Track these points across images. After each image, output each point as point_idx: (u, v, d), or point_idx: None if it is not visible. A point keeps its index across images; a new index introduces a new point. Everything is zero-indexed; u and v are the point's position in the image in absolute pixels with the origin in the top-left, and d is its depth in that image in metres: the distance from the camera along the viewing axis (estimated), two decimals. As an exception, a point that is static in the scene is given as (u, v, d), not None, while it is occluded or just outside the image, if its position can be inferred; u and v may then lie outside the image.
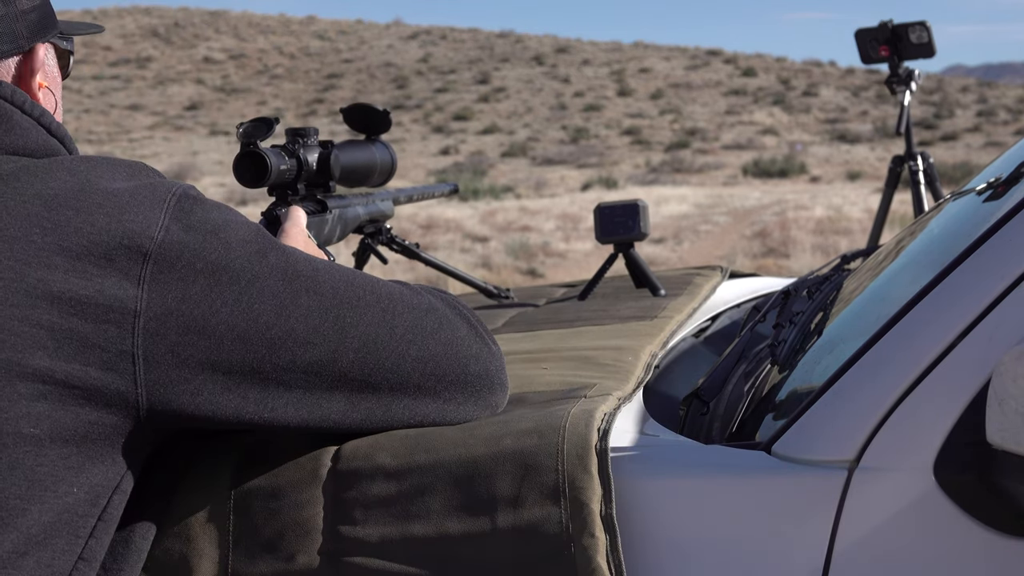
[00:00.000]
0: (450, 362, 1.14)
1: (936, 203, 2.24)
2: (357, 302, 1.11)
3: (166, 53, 64.59)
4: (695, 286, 2.06)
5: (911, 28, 4.66)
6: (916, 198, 4.69)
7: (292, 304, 1.07)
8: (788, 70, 58.28)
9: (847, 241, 12.31)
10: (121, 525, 1.08)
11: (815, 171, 30.70)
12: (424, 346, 1.12)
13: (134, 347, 1.02)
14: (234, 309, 1.05)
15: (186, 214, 1.07)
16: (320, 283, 1.09)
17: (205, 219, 1.07)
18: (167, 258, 1.04)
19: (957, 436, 1.04)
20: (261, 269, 1.07)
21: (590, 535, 1.02)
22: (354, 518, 1.08)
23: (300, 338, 1.07)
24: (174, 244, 1.04)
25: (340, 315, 1.09)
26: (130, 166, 1.12)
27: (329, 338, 1.08)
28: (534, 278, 11.10)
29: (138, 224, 1.04)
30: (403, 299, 1.14)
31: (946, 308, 1.10)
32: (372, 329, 1.10)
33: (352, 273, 1.14)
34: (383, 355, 1.10)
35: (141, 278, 1.02)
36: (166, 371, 1.03)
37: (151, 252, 1.03)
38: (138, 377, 1.02)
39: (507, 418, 1.14)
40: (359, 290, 1.11)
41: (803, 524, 1.05)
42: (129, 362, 1.02)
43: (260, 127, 1.53)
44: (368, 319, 1.10)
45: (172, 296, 1.03)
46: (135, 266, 1.02)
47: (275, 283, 1.07)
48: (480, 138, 43.96)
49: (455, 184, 2.36)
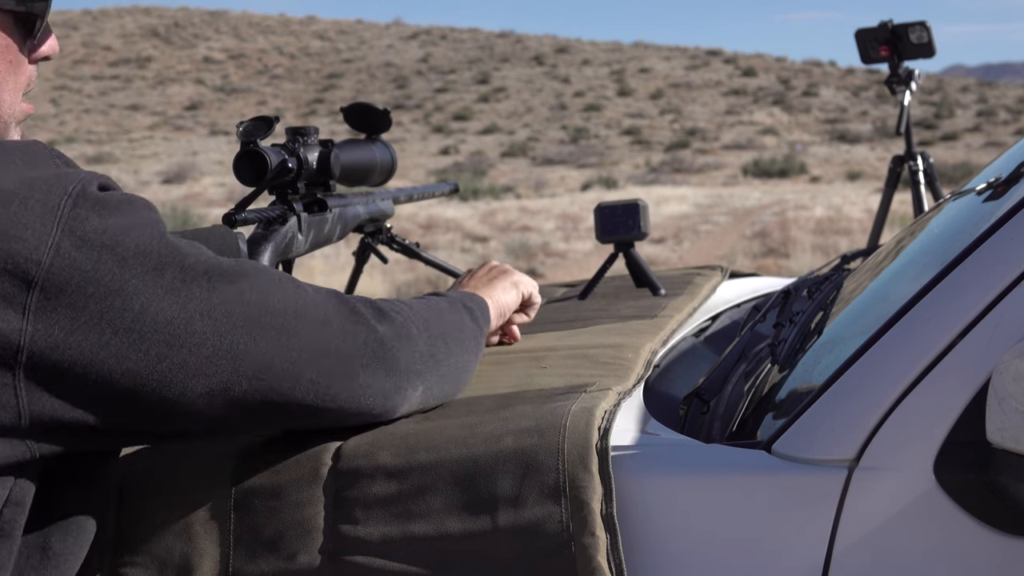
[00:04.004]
0: (344, 381, 1.08)
1: (936, 203, 2.24)
2: (253, 325, 1.02)
3: (166, 53, 64.59)
4: (695, 286, 2.06)
5: (911, 28, 4.65)
6: (916, 198, 4.69)
7: (185, 332, 0.99)
8: (788, 70, 58.28)
9: (847, 241, 12.32)
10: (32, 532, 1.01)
11: (815, 171, 30.71)
12: (319, 365, 1.06)
13: (16, 381, 0.93)
14: (125, 340, 0.96)
15: (81, 223, 0.95)
16: (214, 305, 1.01)
17: (101, 229, 0.96)
18: (56, 284, 0.93)
19: (957, 435, 1.04)
20: (155, 291, 0.97)
21: (591, 534, 1.02)
22: (355, 517, 1.07)
23: (192, 369, 0.99)
24: (64, 268, 0.94)
25: (234, 342, 1.01)
26: (24, 151, 0.99)
27: (222, 368, 1.01)
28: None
29: (24, 245, 0.93)
30: (303, 314, 1.07)
31: (946, 307, 1.10)
32: (267, 355, 1.03)
33: (254, 286, 1.05)
34: (278, 380, 1.04)
35: (27, 308, 0.93)
36: (51, 406, 0.96)
37: (38, 279, 0.93)
38: (22, 411, 0.95)
39: (508, 415, 1.14)
40: (255, 310, 1.03)
41: (803, 523, 1.05)
42: (12, 395, 0.94)
43: (260, 126, 1.53)
44: (263, 344, 1.03)
45: (60, 327, 0.94)
46: (20, 294, 0.93)
47: (168, 307, 0.98)
48: (480, 138, 43.96)
49: (455, 183, 2.36)
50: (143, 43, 65.34)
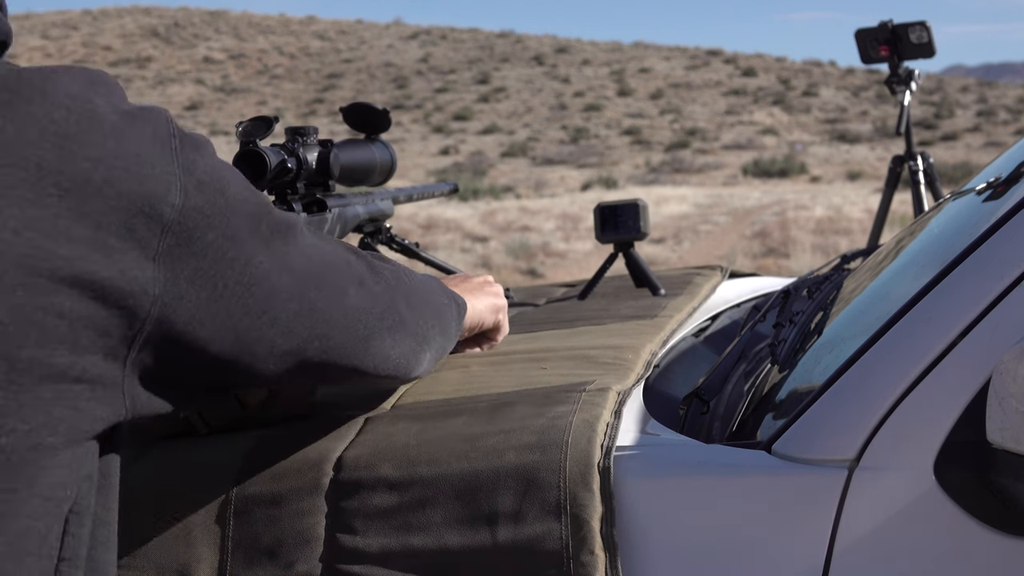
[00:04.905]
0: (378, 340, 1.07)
1: (936, 203, 2.24)
2: (323, 283, 1.00)
3: (166, 53, 64.62)
4: (695, 286, 2.06)
5: (911, 28, 4.65)
6: (916, 198, 4.69)
7: (279, 286, 0.95)
8: (788, 70, 58.32)
9: (847, 241, 12.32)
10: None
11: (815, 171, 30.73)
12: (366, 324, 1.05)
13: (138, 333, 0.86)
14: (235, 292, 0.91)
15: (193, 164, 0.89)
16: (293, 259, 0.97)
17: (210, 171, 0.90)
18: (185, 229, 0.87)
19: (957, 435, 1.04)
20: (256, 241, 0.93)
21: (590, 552, 1.02)
22: (355, 528, 1.07)
23: (282, 326, 0.95)
24: (191, 212, 0.87)
25: (312, 300, 0.98)
26: (96, 75, 0.88)
27: (304, 326, 0.97)
28: (534, 278, 11.11)
29: (157, 184, 0.85)
30: (348, 271, 1.04)
31: (946, 307, 1.10)
32: (330, 313, 1.00)
33: (309, 240, 1.02)
34: (341, 343, 1.02)
35: (157, 254, 0.86)
36: (158, 360, 0.89)
37: (171, 224, 0.86)
38: (127, 361, 0.87)
39: (510, 427, 1.13)
40: (319, 266, 1.00)
41: (803, 523, 1.05)
42: (126, 348, 0.86)
43: (259, 126, 1.53)
44: (328, 302, 1.00)
45: (184, 276, 0.87)
46: (153, 239, 0.85)
47: (266, 259, 0.94)
48: (480, 138, 43.98)
49: (455, 183, 2.35)
50: (143, 43, 65.34)
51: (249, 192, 0.94)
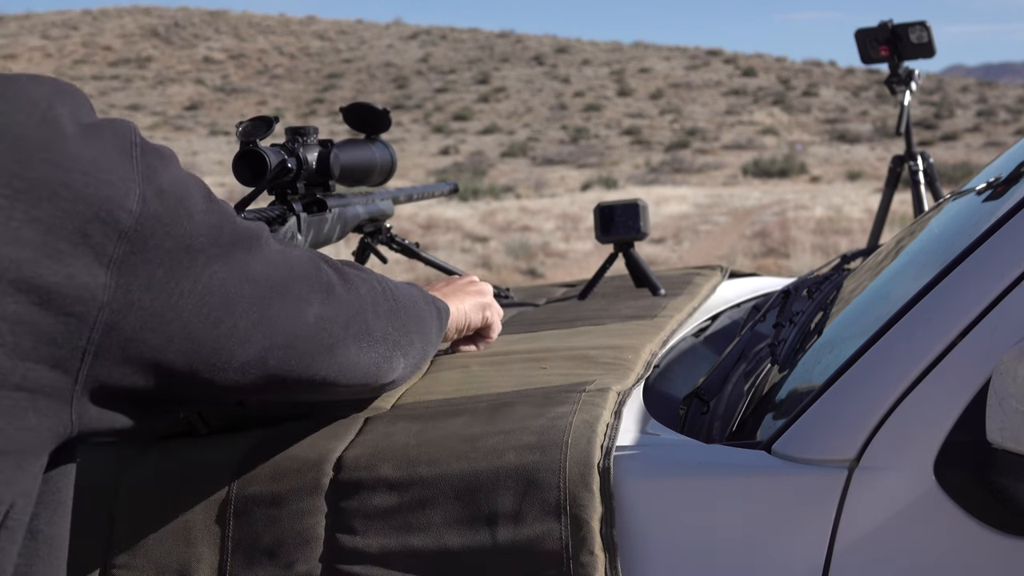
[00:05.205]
0: (343, 350, 1.06)
1: (936, 203, 2.24)
2: (287, 292, 0.98)
3: (166, 53, 64.61)
4: (695, 286, 2.06)
5: (911, 28, 4.66)
6: (916, 198, 4.69)
7: (238, 296, 0.94)
8: (788, 70, 58.30)
9: (847, 241, 12.32)
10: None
11: (815, 171, 30.73)
12: (330, 333, 1.03)
13: (88, 343, 0.84)
14: (190, 301, 0.90)
15: (153, 173, 0.88)
16: (255, 269, 0.96)
17: (172, 181, 0.89)
18: (142, 237, 0.86)
19: (957, 435, 1.04)
20: (215, 251, 0.92)
21: (589, 553, 1.02)
22: (354, 528, 1.07)
23: (241, 335, 0.94)
24: (149, 219, 0.86)
25: (274, 309, 0.97)
26: (64, 86, 0.88)
27: (263, 335, 0.96)
28: (534, 278, 11.11)
29: (115, 190, 0.84)
30: (312, 280, 1.03)
31: (946, 307, 1.10)
32: (292, 322, 0.99)
33: (273, 249, 1.00)
34: (304, 352, 1.00)
35: (111, 261, 0.84)
36: (109, 372, 0.87)
37: (128, 230, 0.85)
38: (80, 375, 0.85)
39: (510, 427, 1.13)
40: (283, 275, 0.99)
41: (803, 524, 1.05)
42: (78, 359, 0.85)
43: (259, 126, 1.53)
44: (288, 310, 0.99)
45: (137, 284, 0.86)
46: (108, 245, 0.84)
47: (222, 269, 0.92)
48: (480, 138, 43.98)
49: (455, 183, 2.36)
50: (143, 43, 65.34)
51: (211, 203, 0.94)
